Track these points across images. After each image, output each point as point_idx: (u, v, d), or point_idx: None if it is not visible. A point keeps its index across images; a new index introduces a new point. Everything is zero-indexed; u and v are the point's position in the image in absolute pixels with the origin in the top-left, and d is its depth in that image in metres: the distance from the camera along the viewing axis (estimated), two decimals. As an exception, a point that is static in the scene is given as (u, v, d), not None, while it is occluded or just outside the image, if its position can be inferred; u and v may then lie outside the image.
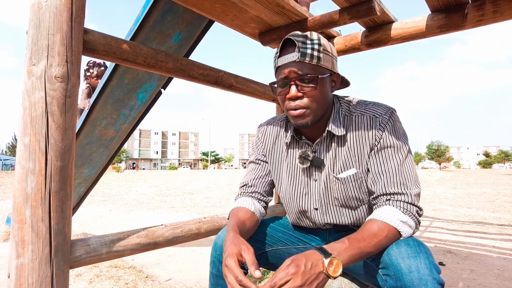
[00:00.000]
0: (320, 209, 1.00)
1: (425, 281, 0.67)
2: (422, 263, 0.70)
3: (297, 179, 1.02)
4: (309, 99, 0.88)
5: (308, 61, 0.86)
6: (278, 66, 0.91)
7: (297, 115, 0.89)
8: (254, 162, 1.12)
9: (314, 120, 0.91)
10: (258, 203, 1.04)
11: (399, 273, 0.71)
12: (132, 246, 1.10)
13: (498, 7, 1.43)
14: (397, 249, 0.75)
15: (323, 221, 1.02)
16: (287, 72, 0.87)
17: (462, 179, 15.76)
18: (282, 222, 1.11)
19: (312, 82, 0.87)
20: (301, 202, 1.03)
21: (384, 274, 0.76)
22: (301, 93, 0.87)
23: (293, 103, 0.88)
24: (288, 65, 0.87)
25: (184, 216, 5.39)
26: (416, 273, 0.69)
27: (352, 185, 0.94)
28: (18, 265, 0.83)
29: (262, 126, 1.13)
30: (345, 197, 0.95)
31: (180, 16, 2.13)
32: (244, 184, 1.09)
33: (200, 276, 2.34)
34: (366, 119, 0.92)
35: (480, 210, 5.91)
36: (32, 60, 0.86)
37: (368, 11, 1.52)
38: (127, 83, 2.33)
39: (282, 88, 0.91)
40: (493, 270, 2.47)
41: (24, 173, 0.84)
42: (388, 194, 0.85)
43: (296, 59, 0.86)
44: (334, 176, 0.95)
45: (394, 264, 0.73)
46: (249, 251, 0.73)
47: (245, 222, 0.93)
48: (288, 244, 1.05)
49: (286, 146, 1.05)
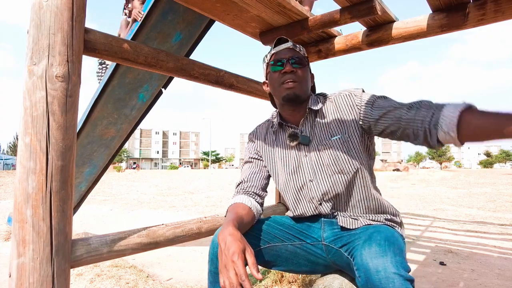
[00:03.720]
0: (315, 179, 1.06)
1: (392, 279, 0.69)
2: (389, 262, 0.72)
3: (289, 159, 1.12)
4: (299, 75, 1.07)
5: (298, 50, 1.10)
6: (274, 53, 1.10)
7: (290, 87, 1.05)
8: (248, 161, 1.20)
9: (300, 94, 1.06)
10: (254, 201, 1.07)
11: (368, 273, 0.73)
12: (133, 246, 1.10)
13: (499, 7, 1.43)
14: (368, 249, 0.77)
15: (319, 192, 1.05)
16: (283, 54, 1.08)
17: (463, 179, 15.74)
18: (278, 220, 1.12)
19: (302, 63, 1.08)
20: (296, 180, 1.09)
21: (358, 275, 0.78)
22: (293, 69, 1.06)
23: (287, 76, 1.06)
24: (283, 50, 1.09)
25: (185, 216, 5.40)
26: (383, 272, 0.71)
27: (340, 149, 1.03)
28: (19, 264, 0.83)
29: (252, 131, 1.27)
30: (336, 161, 1.03)
31: (181, 16, 2.14)
32: (240, 182, 1.13)
33: (201, 276, 2.34)
34: (341, 96, 1.09)
35: (481, 209, 5.90)
36: (33, 59, 0.86)
37: (369, 10, 1.51)
38: (128, 82, 2.33)
39: (277, 69, 1.08)
40: (494, 270, 2.47)
41: (25, 172, 0.84)
42: (430, 109, 0.86)
43: (290, 46, 1.09)
44: (323, 144, 1.06)
45: (364, 264, 0.75)
46: (252, 252, 0.76)
47: (242, 217, 0.95)
48: (285, 241, 1.06)
49: (275, 135, 1.17)
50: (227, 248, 0.76)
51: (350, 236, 0.97)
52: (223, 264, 0.75)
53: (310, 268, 1.09)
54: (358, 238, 0.91)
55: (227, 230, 0.81)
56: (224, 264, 0.74)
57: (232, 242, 0.76)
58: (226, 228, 0.82)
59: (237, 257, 0.73)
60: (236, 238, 0.78)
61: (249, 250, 0.76)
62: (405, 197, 8.20)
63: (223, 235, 0.80)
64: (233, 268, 0.72)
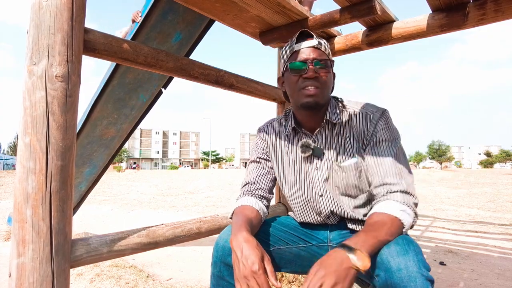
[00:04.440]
0: (324, 195, 1.03)
1: (414, 278, 0.69)
2: (411, 261, 0.71)
3: (299, 169, 1.07)
4: (322, 81, 0.96)
5: (323, 50, 0.98)
6: (295, 50, 0.98)
7: (312, 94, 0.95)
8: (256, 161, 1.15)
9: (321, 102, 0.97)
10: (261, 204, 1.05)
11: (389, 271, 0.72)
12: (133, 246, 1.10)
13: (499, 6, 1.43)
14: (387, 248, 0.77)
15: (328, 209, 1.03)
16: (307, 54, 0.96)
17: (463, 179, 15.74)
18: (283, 221, 1.11)
19: (326, 67, 0.97)
20: (305, 191, 1.06)
21: (376, 274, 0.77)
22: (317, 74, 0.95)
23: (308, 82, 0.95)
24: (307, 49, 0.96)
25: (185, 216, 5.40)
26: (405, 270, 0.70)
27: (353, 174, 0.98)
28: (19, 264, 0.83)
29: (263, 127, 1.19)
30: (346, 185, 0.99)
31: (181, 16, 2.14)
32: (247, 183, 1.10)
33: (200, 276, 2.34)
34: (360, 115, 1.00)
35: (481, 209, 5.90)
36: (33, 59, 0.87)
37: (369, 10, 1.51)
38: (128, 82, 2.33)
39: (297, 70, 0.97)
40: (494, 270, 2.47)
41: (25, 172, 0.84)
42: (385, 184, 0.90)
43: (315, 44, 0.96)
44: (337, 165, 1.00)
45: (384, 262, 0.74)
46: (269, 260, 0.75)
47: (252, 220, 0.93)
48: (289, 244, 1.05)
49: (287, 140, 1.10)
50: (245, 257, 0.73)
51: None
52: (242, 274, 0.73)
53: None
54: None
55: (241, 235, 0.78)
56: (243, 275, 0.72)
57: (250, 250, 0.74)
58: (239, 233, 0.79)
59: (257, 267, 0.71)
60: (253, 245, 0.75)
61: (267, 258, 0.75)
62: (405, 197, 8.18)
63: (238, 242, 0.77)
64: (254, 279, 0.70)
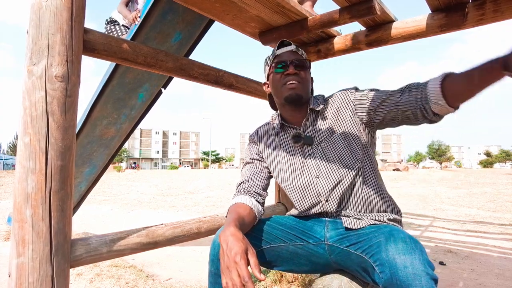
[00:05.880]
0: (320, 175, 1.08)
1: (419, 276, 0.70)
2: (417, 259, 0.73)
3: (294, 159, 1.14)
4: (302, 76, 1.11)
5: (300, 54, 1.14)
6: (277, 55, 1.14)
7: (293, 87, 1.09)
8: (249, 163, 1.20)
9: (302, 95, 1.10)
10: (255, 201, 1.07)
11: (394, 268, 0.73)
12: (133, 246, 1.10)
13: (498, 7, 1.43)
14: (395, 245, 0.78)
15: (326, 188, 1.07)
16: (287, 56, 1.12)
17: (463, 179, 15.74)
18: (280, 220, 1.12)
19: (304, 66, 1.12)
20: (302, 177, 1.11)
21: (381, 271, 0.78)
22: (296, 71, 1.10)
23: (290, 77, 1.09)
24: (287, 52, 1.13)
25: (185, 216, 5.40)
26: (411, 268, 0.71)
27: (342, 144, 1.08)
28: (19, 264, 0.83)
29: (253, 133, 1.28)
30: (339, 156, 1.07)
31: (180, 16, 2.14)
32: (241, 182, 1.13)
33: (200, 276, 2.34)
34: (338, 96, 1.14)
35: (481, 209, 5.90)
36: (33, 59, 0.87)
37: (368, 10, 1.51)
38: (128, 82, 2.33)
39: (280, 70, 1.11)
40: (494, 269, 2.47)
41: (25, 172, 0.85)
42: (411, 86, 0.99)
43: (293, 49, 1.13)
44: (324, 142, 1.10)
45: (389, 260, 0.75)
46: (254, 253, 0.77)
47: (244, 217, 0.95)
48: (286, 242, 1.06)
49: (278, 137, 1.19)
50: (229, 249, 0.75)
51: (359, 235, 0.96)
52: (225, 265, 0.74)
53: (311, 268, 1.09)
54: (374, 236, 0.89)
55: (229, 230, 0.80)
56: (226, 265, 0.74)
57: (234, 242, 0.76)
58: (228, 228, 0.82)
59: (239, 258, 0.72)
60: (238, 238, 0.77)
61: (251, 251, 0.76)
62: (405, 197, 8.20)
63: (225, 236, 0.79)
64: (235, 269, 0.71)
